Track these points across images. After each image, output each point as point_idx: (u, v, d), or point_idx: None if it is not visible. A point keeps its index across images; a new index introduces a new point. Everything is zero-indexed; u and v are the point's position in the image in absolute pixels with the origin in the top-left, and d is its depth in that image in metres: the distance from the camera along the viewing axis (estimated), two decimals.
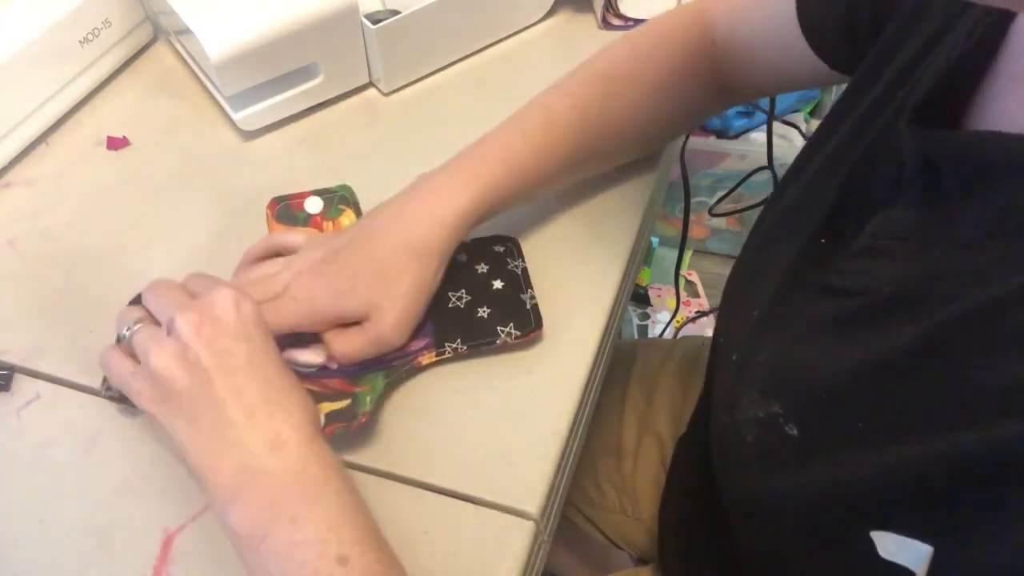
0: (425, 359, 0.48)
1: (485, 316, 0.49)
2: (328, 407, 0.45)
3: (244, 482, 0.37)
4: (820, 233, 0.39)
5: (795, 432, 0.35)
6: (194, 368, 0.39)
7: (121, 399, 0.45)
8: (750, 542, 0.44)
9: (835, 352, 0.35)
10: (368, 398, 0.45)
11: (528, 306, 0.49)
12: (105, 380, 0.46)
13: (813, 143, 0.45)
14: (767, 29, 0.51)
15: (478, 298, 0.50)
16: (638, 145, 0.58)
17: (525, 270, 0.52)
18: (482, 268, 0.52)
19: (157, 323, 0.43)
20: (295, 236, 0.51)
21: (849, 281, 0.36)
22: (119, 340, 0.43)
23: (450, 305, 0.50)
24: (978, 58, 0.34)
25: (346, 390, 0.46)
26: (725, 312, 0.49)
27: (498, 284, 0.51)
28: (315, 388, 0.46)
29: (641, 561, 0.72)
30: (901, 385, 0.31)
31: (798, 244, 0.40)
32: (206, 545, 0.43)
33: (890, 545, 0.30)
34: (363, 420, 0.44)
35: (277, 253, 0.51)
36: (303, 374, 0.47)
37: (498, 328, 0.48)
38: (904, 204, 0.35)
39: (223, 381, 0.38)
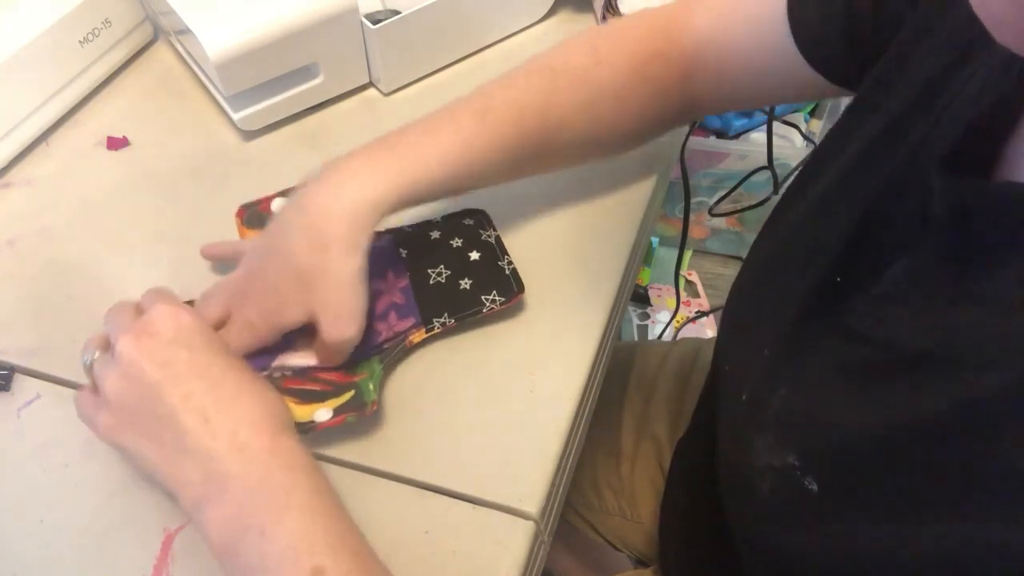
0: (415, 337, 0.49)
1: (468, 288, 0.50)
2: (334, 403, 0.45)
3: (211, 491, 0.37)
4: (835, 270, 0.36)
5: (814, 488, 0.34)
6: (139, 383, 0.39)
7: None
8: (759, 570, 0.43)
9: (856, 406, 0.33)
10: (371, 385, 0.46)
11: (507, 272, 0.51)
12: None
13: (818, 159, 0.43)
14: (750, 41, 0.48)
15: (457, 271, 0.51)
16: (580, 150, 0.54)
17: (499, 238, 0.53)
18: (456, 242, 0.52)
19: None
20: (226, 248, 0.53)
21: (870, 329, 0.34)
22: (85, 368, 0.43)
23: (431, 282, 0.51)
24: (1014, 103, 0.32)
25: (347, 381, 0.47)
26: (730, 338, 0.46)
27: (475, 255, 0.52)
28: (316, 388, 0.46)
29: (640, 563, 0.72)
30: (932, 453, 0.29)
31: (810, 279, 0.37)
32: (206, 545, 0.42)
33: None
34: (374, 408, 0.45)
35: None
36: (302, 372, 0.47)
37: (482, 297, 0.49)
38: (930, 253, 0.32)
39: (170, 389, 0.38)
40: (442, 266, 0.51)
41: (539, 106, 0.49)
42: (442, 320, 0.49)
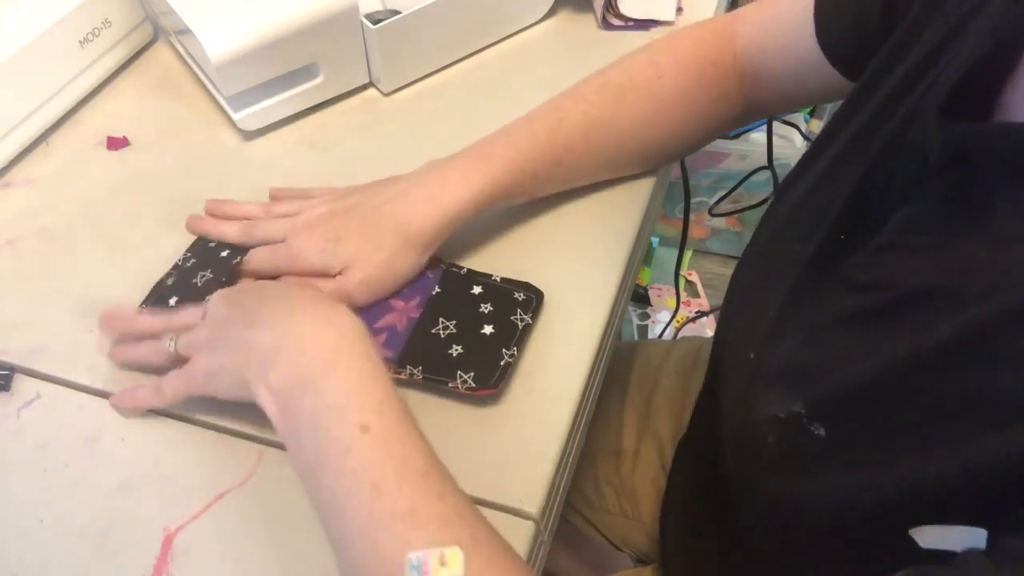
0: None
1: (454, 355, 0.47)
2: None
3: (282, 348, 0.40)
4: (837, 229, 0.38)
5: (822, 432, 0.34)
6: (223, 318, 0.44)
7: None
8: (766, 544, 0.43)
9: (860, 348, 0.34)
10: None
11: (501, 363, 0.47)
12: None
13: (820, 142, 0.44)
14: (788, 43, 0.52)
15: (460, 335, 0.48)
16: (649, 157, 0.58)
17: (528, 327, 0.49)
18: (485, 308, 0.50)
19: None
20: (315, 190, 0.55)
21: (872, 276, 0.35)
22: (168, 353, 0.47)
23: (433, 330, 0.49)
24: (1006, 50, 0.33)
25: None
26: (732, 312, 0.48)
27: (488, 329, 0.49)
28: None
29: (641, 562, 0.72)
30: (937, 382, 0.30)
31: (814, 241, 0.39)
32: (206, 545, 0.42)
33: (933, 536, 0.30)
34: None
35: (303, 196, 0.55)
36: None
37: (457, 371, 0.46)
38: (929, 198, 0.34)
39: (255, 305, 0.43)
40: (454, 322, 0.49)
41: (607, 119, 0.53)
42: (413, 371, 0.47)
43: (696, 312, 1.49)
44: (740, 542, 0.46)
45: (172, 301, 0.51)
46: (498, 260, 0.54)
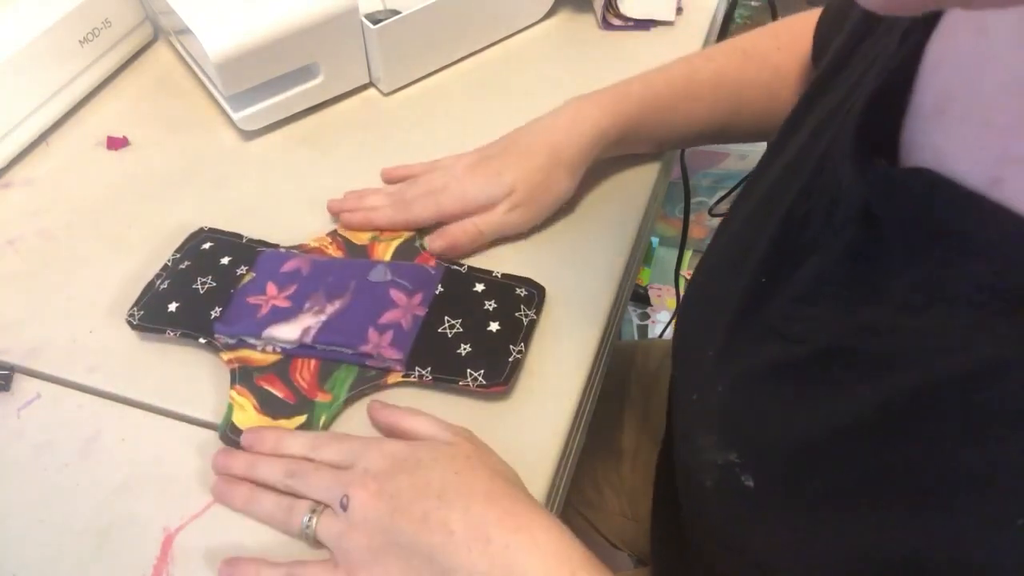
0: (392, 377, 0.47)
1: (463, 354, 0.47)
2: (283, 423, 0.45)
3: None
4: (760, 271, 0.37)
5: (751, 484, 0.34)
6: (377, 526, 0.38)
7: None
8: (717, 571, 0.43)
9: (784, 407, 0.33)
10: (323, 418, 0.46)
11: (510, 359, 0.47)
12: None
13: (757, 171, 0.44)
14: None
15: (468, 333, 0.48)
16: (759, 126, 0.60)
17: (533, 323, 0.49)
18: (490, 305, 0.50)
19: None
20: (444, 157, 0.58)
21: (790, 327, 0.34)
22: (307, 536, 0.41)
23: (440, 329, 0.48)
24: (897, 88, 0.32)
25: (310, 397, 0.47)
26: (680, 343, 0.47)
27: (494, 327, 0.48)
28: (280, 395, 0.47)
29: (641, 563, 0.72)
30: (854, 454, 0.29)
31: (743, 280, 0.38)
32: (206, 545, 0.42)
33: None
34: None
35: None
36: (288, 353, 0.48)
37: (468, 370, 0.46)
38: (837, 252, 0.32)
39: (406, 519, 0.38)
40: (460, 321, 0.49)
41: (732, 79, 0.57)
42: (423, 372, 0.47)
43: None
44: (702, 564, 0.46)
45: (172, 307, 0.50)
46: (498, 260, 0.54)
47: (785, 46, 0.57)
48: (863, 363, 0.30)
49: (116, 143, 0.63)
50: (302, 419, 0.46)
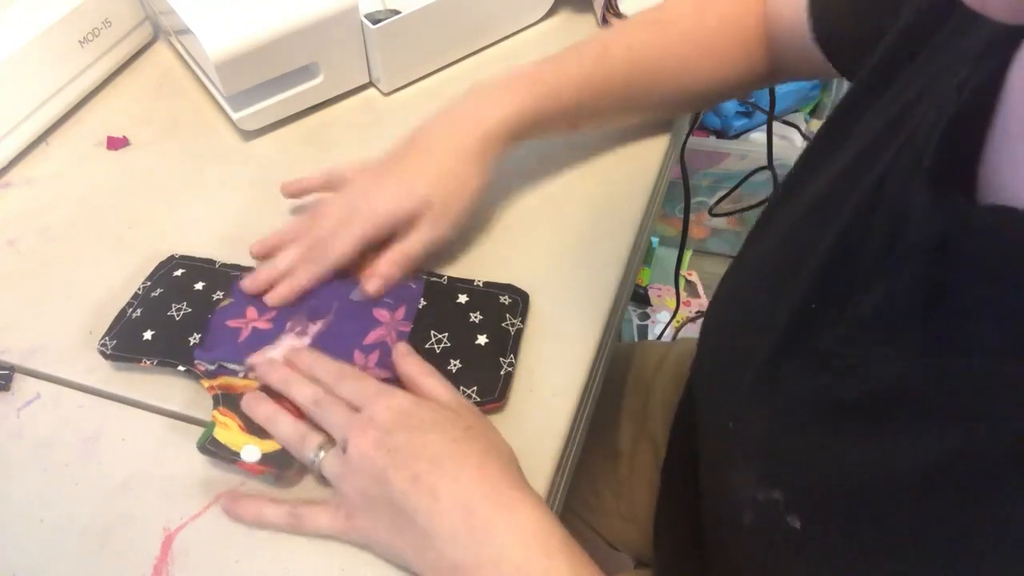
0: None
1: (453, 371, 0.47)
2: (268, 446, 0.44)
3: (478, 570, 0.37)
4: (810, 297, 0.35)
5: (797, 525, 0.32)
6: (371, 475, 0.39)
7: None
8: None
9: (837, 448, 0.31)
10: None
11: (501, 373, 0.46)
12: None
13: (798, 173, 0.42)
14: (796, 19, 0.51)
15: (456, 348, 0.48)
16: (681, 99, 0.59)
17: (519, 332, 0.49)
18: (475, 317, 0.49)
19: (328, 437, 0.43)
20: (346, 166, 0.54)
21: (841, 364, 0.32)
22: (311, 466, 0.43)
23: (427, 345, 0.48)
24: (978, 112, 0.29)
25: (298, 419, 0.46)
26: (708, 360, 0.45)
27: (482, 339, 0.48)
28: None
29: (641, 564, 0.72)
30: (918, 506, 0.28)
31: (788, 305, 0.36)
32: (206, 545, 0.42)
33: None
34: (298, 477, 0.44)
35: (329, 186, 0.55)
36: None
37: (460, 387, 0.46)
38: (902, 286, 0.30)
39: (398, 474, 0.38)
40: (446, 335, 0.48)
41: (650, 55, 0.55)
42: None
43: (696, 312, 1.49)
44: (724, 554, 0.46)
45: (147, 335, 0.49)
46: (498, 260, 0.54)
47: (707, 17, 0.56)
48: (930, 410, 0.28)
49: (116, 143, 0.64)
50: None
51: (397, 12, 0.62)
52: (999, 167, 0.29)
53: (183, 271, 0.53)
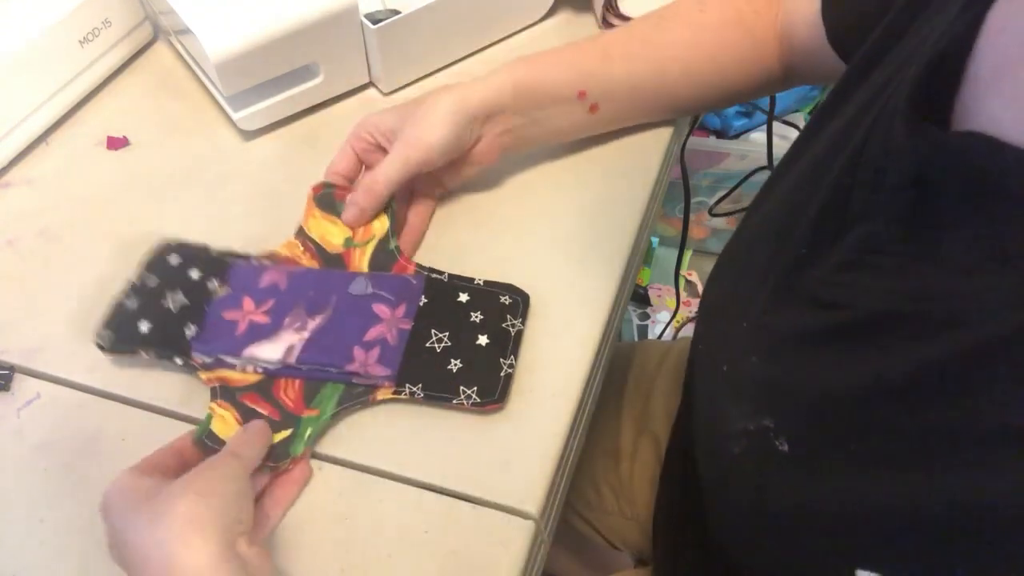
0: (382, 393, 0.47)
1: (454, 370, 0.47)
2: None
3: None
4: (800, 243, 0.37)
5: (785, 448, 0.34)
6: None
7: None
8: (738, 558, 0.43)
9: (829, 368, 0.33)
10: (307, 433, 0.45)
11: (502, 374, 0.47)
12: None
13: (796, 148, 0.43)
14: (808, 20, 0.51)
15: (456, 348, 0.48)
16: (680, 94, 0.58)
17: (520, 333, 0.49)
18: (476, 317, 0.49)
19: None
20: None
21: (833, 294, 0.34)
22: None
23: (427, 343, 0.48)
24: (955, 55, 0.32)
25: (295, 414, 0.46)
26: (706, 321, 0.47)
27: (483, 340, 0.48)
28: (264, 412, 0.46)
29: (641, 562, 0.72)
30: (901, 411, 0.30)
31: (783, 254, 0.38)
32: None
33: None
34: (291, 467, 0.44)
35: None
36: (270, 373, 0.47)
37: (460, 387, 0.46)
38: (886, 217, 0.32)
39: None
40: (447, 334, 0.48)
41: (647, 37, 0.55)
42: (414, 389, 0.46)
43: (696, 312, 1.48)
44: (716, 554, 0.46)
45: (144, 327, 0.48)
46: (498, 260, 0.54)
47: (711, 8, 0.56)
48: (913, 325, 0.30)
49: (116, 143, 0.64)
50: (286, 433, 0.45)
51: (397, 12, 0.62)
52: (972, 103, 0.31)
53: (178, 258, 0.52)
